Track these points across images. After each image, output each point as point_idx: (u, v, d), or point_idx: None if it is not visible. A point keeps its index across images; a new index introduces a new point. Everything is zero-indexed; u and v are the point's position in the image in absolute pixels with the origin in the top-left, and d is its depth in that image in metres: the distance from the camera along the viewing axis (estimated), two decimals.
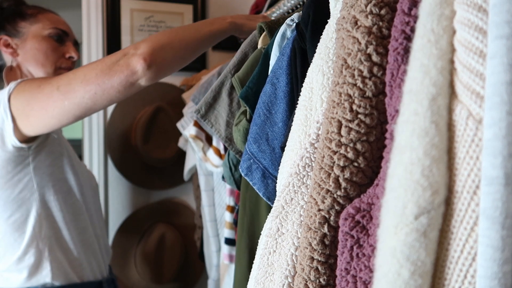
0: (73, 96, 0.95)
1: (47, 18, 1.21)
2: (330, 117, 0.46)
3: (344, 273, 0.42)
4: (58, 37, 1.21)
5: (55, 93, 0.95)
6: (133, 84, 0.95)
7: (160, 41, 0.97)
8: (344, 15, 0.47)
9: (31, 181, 1.08)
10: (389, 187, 0.34)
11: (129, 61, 0.94)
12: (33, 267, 1.09)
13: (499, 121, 0.29)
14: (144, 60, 0.93)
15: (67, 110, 0.96)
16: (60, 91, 0.95)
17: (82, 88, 0.94)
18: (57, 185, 1.14)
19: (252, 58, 0.86)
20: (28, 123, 0.99)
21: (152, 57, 0.95)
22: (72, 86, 0.95)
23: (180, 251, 1.85)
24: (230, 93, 0.93)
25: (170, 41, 0.98)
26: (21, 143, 1.02)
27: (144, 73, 0.94)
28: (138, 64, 0.93)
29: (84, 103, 0.95)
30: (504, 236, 0.29)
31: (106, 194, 1.86)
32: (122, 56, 0.95)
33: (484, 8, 0.31)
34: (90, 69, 0.95)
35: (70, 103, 0.95)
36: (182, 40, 1.00)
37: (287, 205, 0.54)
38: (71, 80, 0.95)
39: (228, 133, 0.93)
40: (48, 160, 1.11)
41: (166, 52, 0.97)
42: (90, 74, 0.94)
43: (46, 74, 1.19)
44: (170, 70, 1.01)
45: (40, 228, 1.10)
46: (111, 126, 1.84)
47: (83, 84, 0.94)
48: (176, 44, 0.99)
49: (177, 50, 0.99)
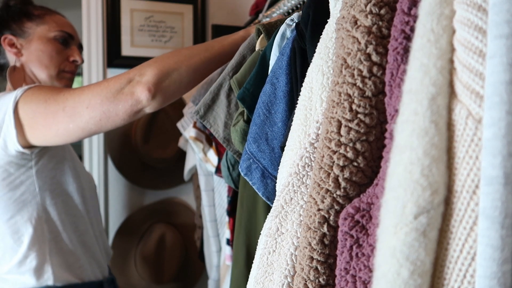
0: (79, 120, 0.94)
1: (54, 20, 1.21)
2: (329, 116, 0.46)
3: (344, 272, 0.42)
4: (64, 40, 1.20)
5: (61, 114, 0.95)
6: (138, 112, 0.95)
7: (166, 67, 0.95)
8: (344, 15, 0.47)
9: (33, 184, 1.08)
10: (389, 186, 0.34)
11: (134, 89, 0.93)
12: (35, 270, 1.09)
13: (499, 121, 0.29)
14: (149, 91, 0.92)
15: (72, 132, 0.96)
16: (65, 113, 0.95)
17: (87, 114, 0.94)
18: (58, 189, 1.13)
19: (250, 60, 0.87)
20: (33, 134, 0.99)
21: (157, 87, 0.93)
22: (78, 110, 0.94)
23: (180, 251, 1.85)
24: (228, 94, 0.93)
25: (177, 67, 0.96)
26: (23, 149, 1.02)
27: (148, 102, 0.93)
28: (142, 94, 0.92)
29: (88, 128, 0.96)
30: (504, 236, 0.29)
31: (106, 194, 1.86)
32: (127, 83, 0.93)
33: (483, 7, 0.31)
34: (95, 95, 0.94)
35: (74, 126, 0.95)
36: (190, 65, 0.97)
37: (286, 204, 0.54)
38: (76, 103, 0.95)
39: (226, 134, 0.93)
40: (51, 164, 1.11)
41: (171, 80, 0.95)
42: (95, 100, 0.93)
43: (49, 76, 1.18)
44: (177, 96, 0.99)
45: (41, 231, 1.09)
46: None
47: (89, 110, 0.94)
48: (183, 69, 0.96)
49: (184, 76, 0.97)
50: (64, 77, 1.22)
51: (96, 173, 1.82)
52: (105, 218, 1.85)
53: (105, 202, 1.85)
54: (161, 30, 1.86)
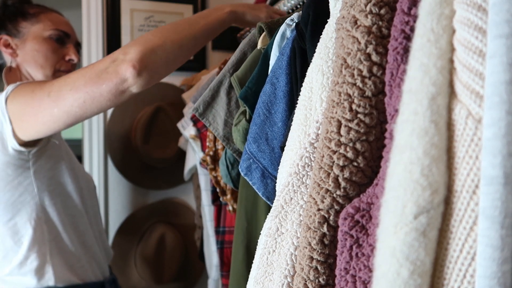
0: (63, 103, 0.92)
1: (49, 18, 1.19)
2: (329, 116, 0.46)
3: (344, 272, 0.42)
4: (59, 39, 1.19)
5: (46, 100, 0.93)
6: (124, 92, 0.91)
7: (151, 44, 0.92)
8: (344, 15, 0.47)
9: (32, 185, 1.07)
10: (389, 186, 0.34)
11: (118, 68, 0.89)
12: (36, 271, 1.09)
13: (499, 121, 0.29)
14: (134, 67, 0.89)
15: (57, 117, 0.94)
16: (50, 98, 0.93)
17: (71, 96, 0.91)
18: (57, 189, 1.13)
19: (251, 58, 0.86)
20: (22, 128, 0.98)
21: (142, 63, 0.90)
22: (62, 93, 0.92)
23: (180, 251, 1.85)
24: (228, 92, 0.93)
25: (161, 43, 0.93)
26: (20, 147, 1.01)
27: (134, 80, 0.90)
28: (127, 72, 0.89)
29: (73, 111, 0.93)
30: (503, 236, 0.29)
31: (106, 194, 1.86)
32: (111, 63, 0.90)
33: (483, 7, 0.31)
34: (79, 76, 0.92)
35: (59, 110, 0.93)
36: (174, 40, 0.94)
37: (286, 204, 0.54)
38: (61, 86, 0.92)
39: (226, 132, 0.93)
40: (48, 165, 1.11)
41: (157, 56, 0.92)
42: (79, 82, 0.91)
43: (45, 76, 1.17)
44: (164, 73, 0.96)
45: (41, 232, 1.09)
46: (111, 126, 1.84)
47: (72, 92, 0.91)
48: (168, 45, 0.93)
49: (170, 52, 0.94)
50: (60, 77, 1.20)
51: (96, 173, 1.82)
52: (105, 218, 1.85)
53: (105, 202, 1.85)
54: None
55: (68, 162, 1.17)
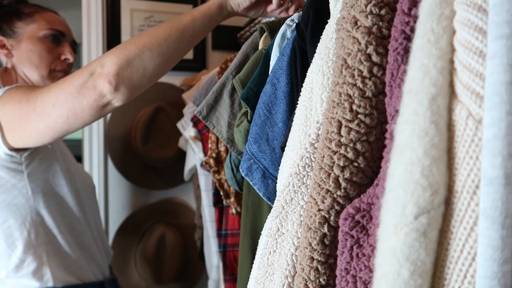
0: (47, 120, 0.90)
1: (44, 18, 1.17)
2: (330, 117, 0.46)
3: (344, 273, 0.42)
4: (54, 38, 1.17)
5: (31, 114, 0.91)
6: (104, 106, 0.89)
7: (126, 55, 0.87)
8: (344, 15, 0.47)
9: (25, 187, 1.06)
10: (389, 187, 0.34)
11: (96, 83, 0.86)
12: (34, 273, 1.08)
13: (499, 121, 0.29)
14: (109, 83, 0.86)
15: (43, 132, 0.92)
16: (35, 113, 0.91)
17: (55, 113, 0.89)
18: (51, 191, 1.12)
19: (253, 59, 0.86)
20: (12, 136, 0.96)
21: (118, 78, 0.86)
22: (46, 109, 0.90)
23: (180, 251, 1.85)
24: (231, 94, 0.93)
25: (138, 52, 0.87)
26: (11, 151, 0.99)
27: (112, 96, 0.87)
28: (104, 87, 0.86)
29: (58, 127, 0.91)
30: (504, 236, 0.29)
31: (106, 194, 1.86)
32: (89, 77, 0.87)
33: (484, 8, 0.31)
34: (60, 92, 0.89)
35: (45, 126, 0.91)
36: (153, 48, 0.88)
37: (287, 205, 0.54)
38: (44, 101, 0.90)
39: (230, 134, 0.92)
40: (42, 167, 1.09)
41: (133, 68, 0.87)
42: (60, 97, 0.89)
43: (40, 76, 1.16)
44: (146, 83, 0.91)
45: (36, 235, 1.08)
46: (111, 126, 1.84)
47: (55, 108, 0.89)
48: (146, 54, 0.88)
49: (148, 61, 0.88)
50: (56, 77, 1.18)
51: (96, 173, 1.82)
52: (105, 218, 1.85)
53: (105, 202, 1.85)
54: None
55: (63, 163, 1.16)
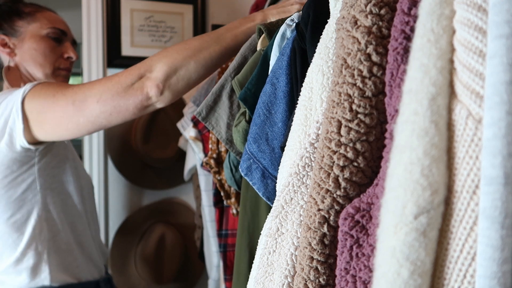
0: (89, 114, 0.95)
1: (45, 17, 1.19)
2: (329, 116, 0.46)
3: (344, 272, 0.42)
4: (56, 37, 1.19)
5: (70, 108, 0.95)
6: (148, 107, 0.96)
7: (175, 64, 0.95)
8: (344, 15, 0.47)
9: (35, 182, 1.08)
10: (389, 186, 0.34)
11: (144, 85, 0.94)
12: (32, 270, 1.09)
13: (499, 121, 0.29)
14: (157, 87, 0.94)
15: (82, 126, 0.97)
16: (75, 107, 0.95)
17: (98, 108, 0.95)
18: (59, 188, 1.13)
19: (252, 61, 0.86)
20: (42, 130, 1.00)
21: (166, 84, 0.94)
22: (88, 104, 0.95)
23: (180, 251, 1.85)
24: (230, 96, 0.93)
25: (185, 63, 0.95)
26: (29, 145, 1.01)
27: (157, 99, 0.95)
28: (152, 91, 0.94)
29: (99, 122, 0.97)
30: (504, 236, 0.29)
31: (106, 194, 1.86)
32: (137, 79, 0.94)
33: (483, 7, 0.31)
34: (105, 89, 0.95)
35: (85, 120, 0.96)
36: (199, 60, 0.96)
37: (286, 205, 0.54)
38: (87, 97, 0.95)
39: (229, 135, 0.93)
40: (53, 163, 1.11)
41: (180, 77, 0.95)
42: (106, 95, 0.94)
43: (44, 75, 1.17)
44: (187, 91, 0.99)
45: (40, 230, 1.09)
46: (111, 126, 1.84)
47: (99, 104, 0.94)
48: (192, 66, 0.95)
49: (193, 72, 0.96)
50: (59, 75, 1.20)
51: (96, 173, 1.82)
52: (105, 218, 1.85)
53: (105, 202, 1.85)
54: (161, 30, 1.86)
55: (72, 161, 1.18)
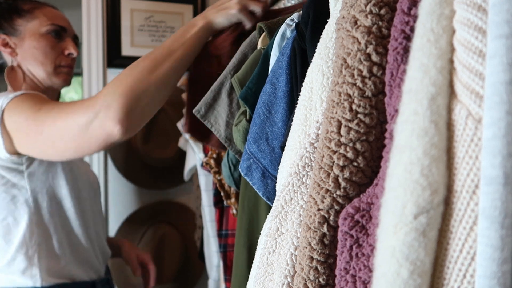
0: (55, 149, 0.97)
1: (44, 13, 1.17)
2: (329, 116, 0.46)
3: (344, 272, 0.42)
4: (56, 34, 1.17)
5: (39, 138, 0.96)
6: (113, 143, 0.93)
7: (133, 93, 0.88)
8: (344, 15, 0.47)
9: (25, 187, 1.07)
10: (389, 186, 0.34)
11: (103, 125, 0.88)
12: (23, 272, 1.09)
13: (499, 121, 0.29)
14: (121, 124, 0.87)
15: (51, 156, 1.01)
16: (43, 138, 0.96)
17: (63, 145, 0.95)
18: (50, 192, 1.12)
19: (252, 59, 0.86)
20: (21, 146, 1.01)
21: (128, 117, 0.88)
22: (53, 140, 0.95)
23: (180, 251, 1.85)
24: (229, 93, 0.93)
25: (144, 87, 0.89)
26: (12, 156, 1.03)
27: (122, 135, 0.89)
28: (115, 129, 0.88)
29: (67, 155, 1.00)
30: (503, 236, 0.29)
31: (106, 194, 1.86)
32: (94, 117, 0.89)
33: (483, 7, 0.31)
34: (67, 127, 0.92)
35: (53, 152, 0.98)
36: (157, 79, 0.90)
37: (286, 204, 0.54)
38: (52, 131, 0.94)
39: (228, 133, 0.92)
40: (42, 168, 1.10)
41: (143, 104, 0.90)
42: (67, 134, 0.93)
43: (46, 73, 1.16)
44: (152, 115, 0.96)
45: (30, 234, 1.09)
46: None
47: (63, 142, 0.94)
48: (153, 87, 0.90)
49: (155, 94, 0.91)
50: (61, 72, 1.19)
51: (96, 173, 1.82)
52: (105, 218, 1.85)
53: (105, 202, 1.85)
54: (161, 30, 1.86)
55: (65, 163, 1.16)
